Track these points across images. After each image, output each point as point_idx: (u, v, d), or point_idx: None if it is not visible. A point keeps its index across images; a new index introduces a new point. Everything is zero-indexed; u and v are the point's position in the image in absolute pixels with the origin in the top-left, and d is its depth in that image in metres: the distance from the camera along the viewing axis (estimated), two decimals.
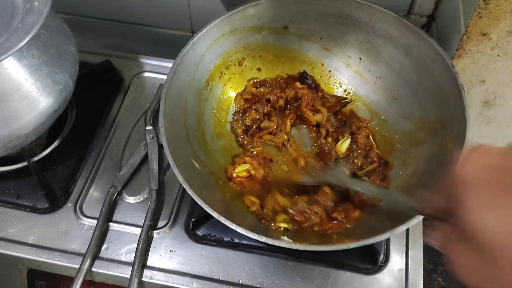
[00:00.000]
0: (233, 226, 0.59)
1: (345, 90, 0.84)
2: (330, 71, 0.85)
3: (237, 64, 0.84)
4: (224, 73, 0.83)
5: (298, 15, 0.81)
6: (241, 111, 0.82)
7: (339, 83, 0.85)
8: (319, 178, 0.73)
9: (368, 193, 0.65)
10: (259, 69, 0.85)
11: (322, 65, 0.85)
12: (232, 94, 0.84)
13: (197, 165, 0.72)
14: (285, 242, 0.59)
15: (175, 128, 0.71)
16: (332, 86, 0.85)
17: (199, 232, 0.73)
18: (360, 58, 0.82)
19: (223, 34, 0.79)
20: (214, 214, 0.60)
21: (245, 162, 0.76)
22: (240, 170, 0.75)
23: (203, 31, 0.76)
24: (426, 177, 0.68)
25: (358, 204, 0.70)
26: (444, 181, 0.38)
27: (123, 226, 0.74)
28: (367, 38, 0.80)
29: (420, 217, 0.59)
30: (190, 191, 0.62)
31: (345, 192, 0.71)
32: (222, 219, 0.60)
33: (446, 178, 0.37)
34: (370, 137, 0.79)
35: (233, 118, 0.82)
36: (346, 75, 0.84)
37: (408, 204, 0.53)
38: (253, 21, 0.80)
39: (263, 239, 0.59)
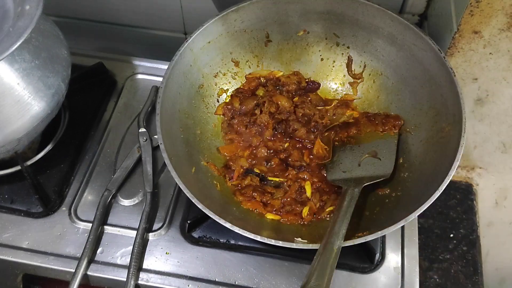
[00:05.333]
0: (231, 228, 0.60)
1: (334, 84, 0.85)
2: (317, 66, 0.85)
3: (226, 71, 0.83)
4: (215, 82, 0.82)
5: (280, 15, 0.81)
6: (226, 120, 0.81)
7: (329, 78, 0.85)
8: None
9: None
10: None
11: (309, 61, 0.85)
12: (223, 101, 0.83)
13: (193, 170, 0.72)
14: (299, 244, 0.60)
15: (171, 137, 0.71)
16: (320, 81, 0.85)
17: (195, 234, 0.73)
18: (346, 52, 0.83)
19: (209, 42, 0.79)
20: (213, 216, 0.60)
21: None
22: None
23: (189, 41, 0.75)
24: (429, 162, 0.69)
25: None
26: None
27: (118, 229, 0.74)
28: (352, 32, 0.80)
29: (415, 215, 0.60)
30: (188, 194, 0.62)
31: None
32: (222, 221, 0.60)
33: None
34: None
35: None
36: (334, 70, 0.84)
37: None
38: (236, 25, 0.80)
39: (264, 240, 0.59)
